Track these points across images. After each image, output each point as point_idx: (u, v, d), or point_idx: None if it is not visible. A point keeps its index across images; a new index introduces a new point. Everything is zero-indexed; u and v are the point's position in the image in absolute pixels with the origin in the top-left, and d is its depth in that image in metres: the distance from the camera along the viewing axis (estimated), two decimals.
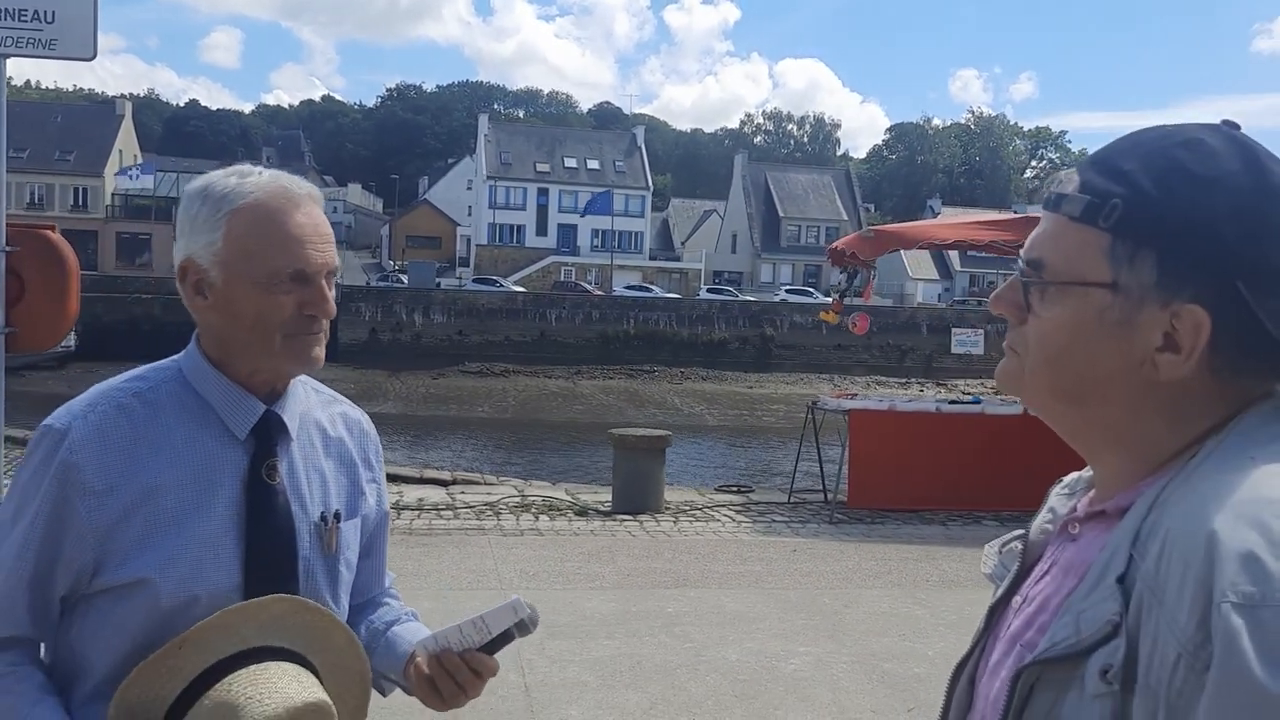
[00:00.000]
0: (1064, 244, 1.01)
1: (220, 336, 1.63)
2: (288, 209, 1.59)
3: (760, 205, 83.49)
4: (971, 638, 1.18)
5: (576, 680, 5.42)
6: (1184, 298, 0.94)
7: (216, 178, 1.63)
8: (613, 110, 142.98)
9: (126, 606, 1.53)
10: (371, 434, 1.87)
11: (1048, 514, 1.17)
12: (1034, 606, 1.05)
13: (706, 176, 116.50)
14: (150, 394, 1.62)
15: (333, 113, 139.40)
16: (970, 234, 10.87)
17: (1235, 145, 0.96)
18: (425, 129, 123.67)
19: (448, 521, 8.78)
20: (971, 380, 39.21)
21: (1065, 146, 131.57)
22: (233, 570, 1.57)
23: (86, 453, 1.53)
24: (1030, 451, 9.54)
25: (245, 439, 1.62)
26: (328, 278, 1.62)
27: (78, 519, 1.52)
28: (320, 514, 1.69)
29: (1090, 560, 0.98)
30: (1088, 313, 0.99)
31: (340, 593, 1.72)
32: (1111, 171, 0.98)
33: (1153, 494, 0.95)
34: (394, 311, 44.14)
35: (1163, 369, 0.96)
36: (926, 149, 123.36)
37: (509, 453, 26.74)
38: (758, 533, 9.04)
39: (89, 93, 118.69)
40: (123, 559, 1.52)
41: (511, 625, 1.60)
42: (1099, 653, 0.91)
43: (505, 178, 77.70)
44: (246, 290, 1.57)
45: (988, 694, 1.07)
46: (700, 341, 46.17)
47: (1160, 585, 0.87)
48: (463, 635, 1.62)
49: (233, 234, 1.57)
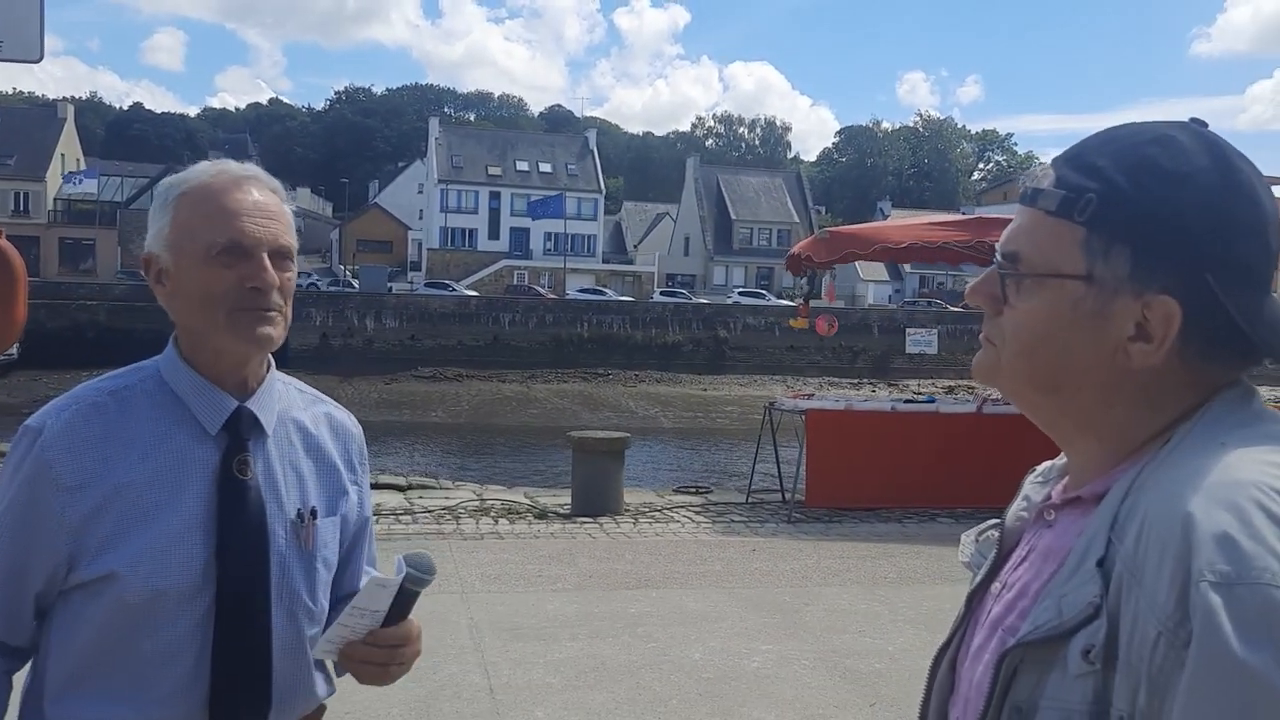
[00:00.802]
0: (1040, 237, 1.04)
1: (182, 325, 1.66)
2: (228, 187, 1.62)
3: (712, 208, 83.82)
4: (943, 628, 1.21)
5: (541, 682, 5.41)
6: (1155, 289, 0.98)
7: (172, 175, 1.70)
8: (564, 113, 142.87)
9: (97, 602, 1.55)
10: (356, 436, 1.87)
11: (1022, 502, 1.20)
12: (1014, 592, 1.08)
13: (659, 179, 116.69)
14: (125, 392, 1.64)
15: (280, 116, 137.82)
16: (924, 234, 10.99)
17: (1204, 143, 1.00)
18: (375, 132, 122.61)
19: (406, 526, 8.72)
20: (923, 380, 39.68)
21: (1012, 149, 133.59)
22: (198, 564, 1.58)
23: (58, 449, 1.56)
24: (983, 449, 9.76)
25: (217, 434, 1.64)
26: (274, 256, 1.62)
27: (51, 515, 1.55)
28: (296, 511, 1.69)
29: (1068, 546, 1.01)
30: (1063, 304, 1.02)
31: (318, 591, 1.72)
32: (1086, 167, 1.02)
33: (1128, 480, 0.99)
34: (345, 316, 43.78)
35: (1135, 358, 1.00)
36: (876, 152, 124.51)
37: (464, 457, 26.59)
38: (717, 533, 9.09)
39: (29, 96, 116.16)
40: (94, 555, 1.55)
41: (398, 590, 1.55)
42: (1081, 634, 0.93)
43: (456, 181, 77.29)
44: (190, 267, 1.60)
45: (971, 678, 1.09)
46: (654, 344, 46.24)
47: (1139, 566, 0.90)
48: (349, 628, 1.59)
49: (178, 217, 1.62)
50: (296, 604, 1.68)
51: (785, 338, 45.44)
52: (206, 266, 1.59)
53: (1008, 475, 6.64)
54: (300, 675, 1.71)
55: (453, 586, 6.98)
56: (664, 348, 46.22)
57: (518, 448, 28.12)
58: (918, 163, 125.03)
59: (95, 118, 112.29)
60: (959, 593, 5.08)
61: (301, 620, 1.69)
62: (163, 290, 1.65)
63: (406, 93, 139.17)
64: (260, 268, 1.60)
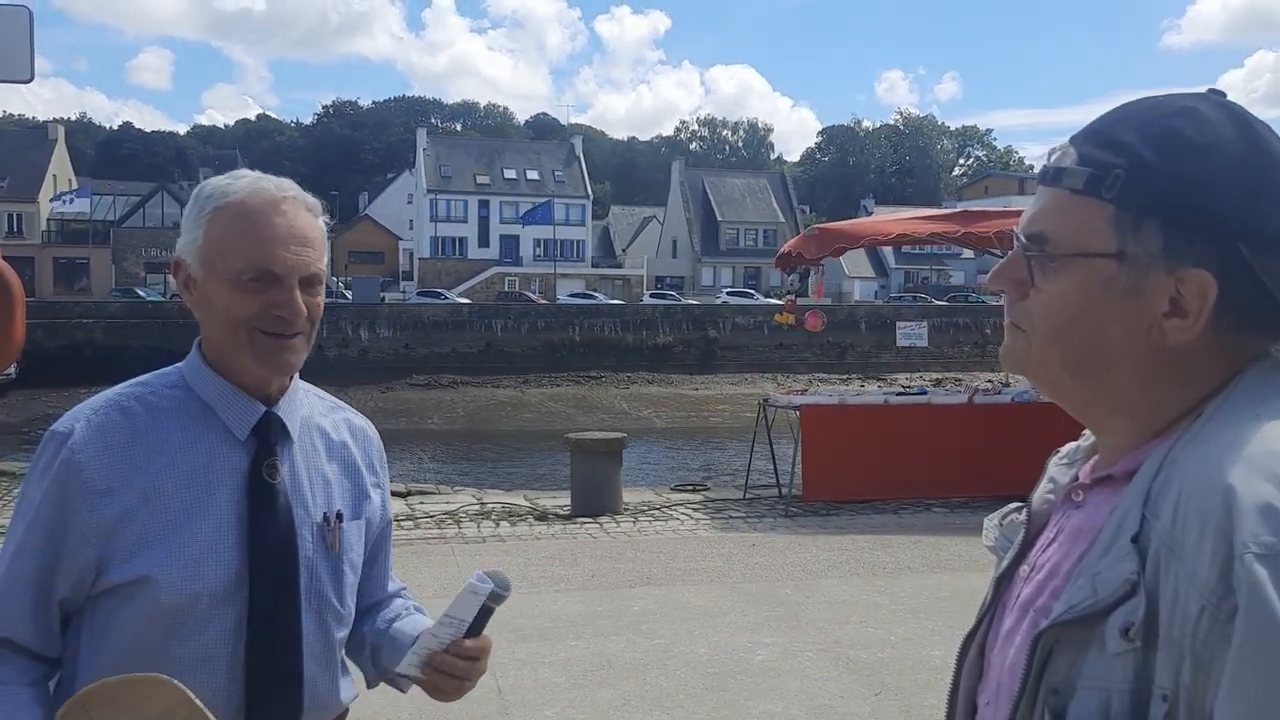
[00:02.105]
0: (1067, 217, 1.02)
1: (206, 334, 1.67)
2: (265, 209, 1.61)
3: (699, 210, 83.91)
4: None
5: (549, 681, 5.46)
6: (1189, 263, 0.97)
7: (213, 180, 1.68)
8: (549, 121, 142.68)
9: (129, 606, 1.54)
10: (375, 440, 1.90)
11: (1048, 484, 1.18)
12: (1044, 573, 1.06)
13: (645, 183, 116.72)
14: (152, 397, 1.65)
15: (269, 131, 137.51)
16: (911, 228, 11.07)
17: (1227, 112, 1.00)
18: (363, 144, 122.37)
19: (408, 531, 8.78)
20: (912, 375, 39.74)
21: (991, 144, 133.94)
22: (232, 568, 1.58)
23: (87, 453, 1.56)
24: (975, 439, 9.85)
25: (246, 439, 1.64)
26: (305, 283, 1.63)
27: (79, 518, 1.54)
28: (323, 514, 1.70)
29: (1099, 524, 1.00)
30: (1094, 283, 1.01)
31: (345, 594, 1.74)
32: (1110, 143, 1.01)
33: (1160, 455, 0.97)
34: (339, 327, 43.64)
35: (1170, 334, 0.99)
36: (858, 150, 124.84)
37: (462, 463, 26.57)
38: (716, 529, 9.15)
39: (19, 118, 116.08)
40: (125, 558, 1.54)
41: (482, 603, 1.61)
42: (1118, 612, 0.92)
43: (445, 191, 77.19)
44: (218, 286, 1.60)
45: (1002, 661, 1.08)
46: (645, 346, 46.21)
47: (1178, 541, 0.89)
48: (438, 637, 1.63)
49: (212, 232, 1.62)
50: (325, 607, 1.69)
51: (775, 336, 45.43)
52: (235, 289, 1.59)
53: (1000, 464, 6.92)
54: (330, 679, 1.72)
55: (456, 590, 7.00)
56: (655, 349, 46.21)
57: (514, 452, 28.12)
58: (899, 160, 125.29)
59: (86, 138, 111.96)
60: (959, 581, 5.27)
61: (330, 624, 1.71)
62: (189, 296, 1.66)
63: (393, 105, 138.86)
64: (289, 298, 1.61)
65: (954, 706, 1.18)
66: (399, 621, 1.85)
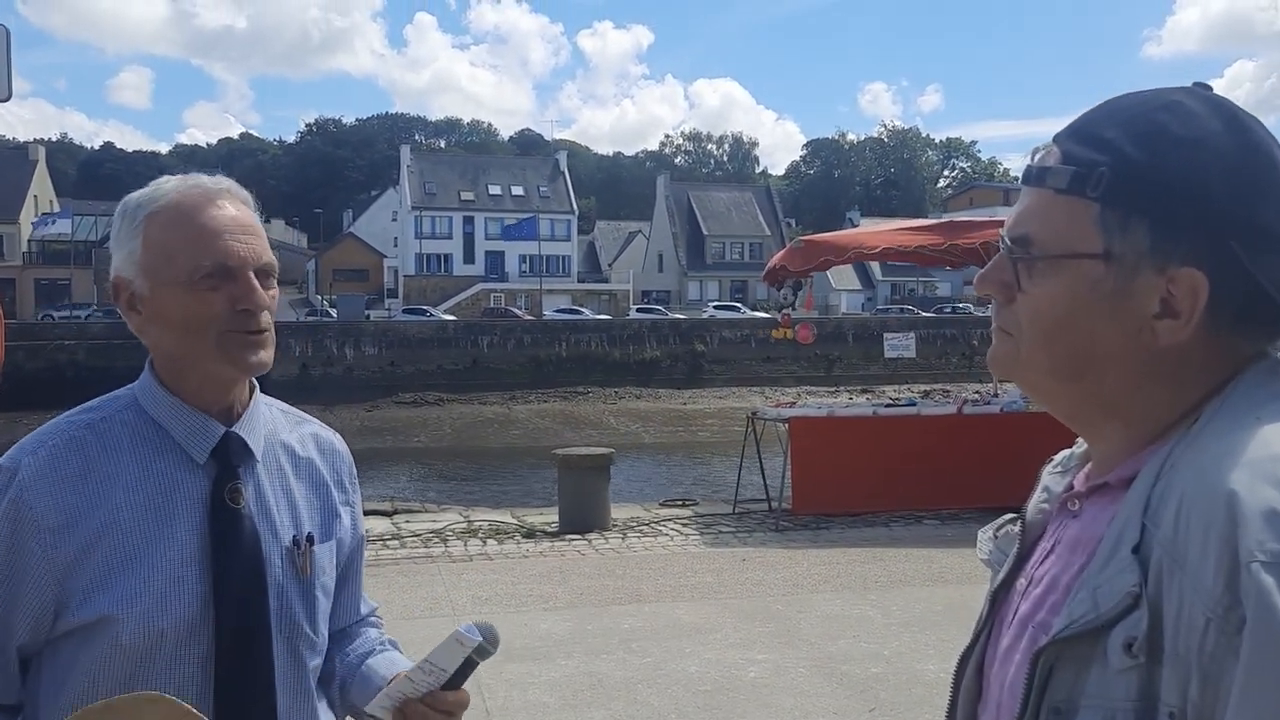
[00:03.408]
0: (1051, 217, 0.99)
1: (163, 351, 1.57)
2: (202, 204, 1.53)
3: (684, 224, 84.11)
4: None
5: (538, 702, 5.39)
6: (1178, 262, 0.93)
7: (135, 193, 1.60)
8: (534, 136, 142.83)
9: (90, 647, 1.46)
10: (345, 455, 1.80)
11: (1043, 493, 1.14)
12: (1042, 587, 1.03)
13: (630, 198, 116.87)
14: (103, 425, 1.55)
15: (251, 150, 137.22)
16: (896, 240, 11.06)
17: (1213, 106, 0.96)
18: (347, 162, 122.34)
19: (394, 551, 8.68)
20: (899, 386, 39.77)
21: (976, 155, 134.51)
22: (197, 600, 1.50)
23: (37, 490, 1.47)
24: (964, 450, 9.80)
25: (205, 463, 1.55)
26: (260, 274, 1.54)
27: (33, 559, 1.45)
28: (292, 537, 1.62)
29: (1098, 534, 0.96)
30: (1081, 285, 0.97)
31: (318, 620, 1.65)
32: (1093, 140, 0.97)
33: (1158, 461, 0.94)
34: (324, 346, 43.50)
35: (1161, 335, 0.95)
36: (843, 163, 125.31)
37: (449, 481, 26.49)
38: (706, 545, 9.08)
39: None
40: (84, 598, 1.45)
41: (468, 655, 1.50)
42: (1120, 626, 0.88)
43: (430, 207, 77.18)
44: (172, 293, 1.51)
45: (1002, 681, 1.04)
46: (632, 361, 46.18)
47: (1180, 550, 0.85)
48: (414, 684, 1.52)
49: (151, 238, 1.53)
50: (298, 635, 1.61)
51: (762, 349, 45.49)
52: (190, 291, 1.50)
53: (990, 474, 6.83)
54: (307, 711, 1.64)
55: (444, 609, 6.94)
56: (642, 364, 46.18)
57: (502, 469, 28.02)
58: (884, 172, 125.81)
59: (67, 159, 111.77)
60: (951, 594, 5.18)
61: (304, 652, 1.62)
62: (136, 317, 1.56)
63: (376, 122, 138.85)
64: (249, 288, 1.52)
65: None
66: (372, 658, 1.75)
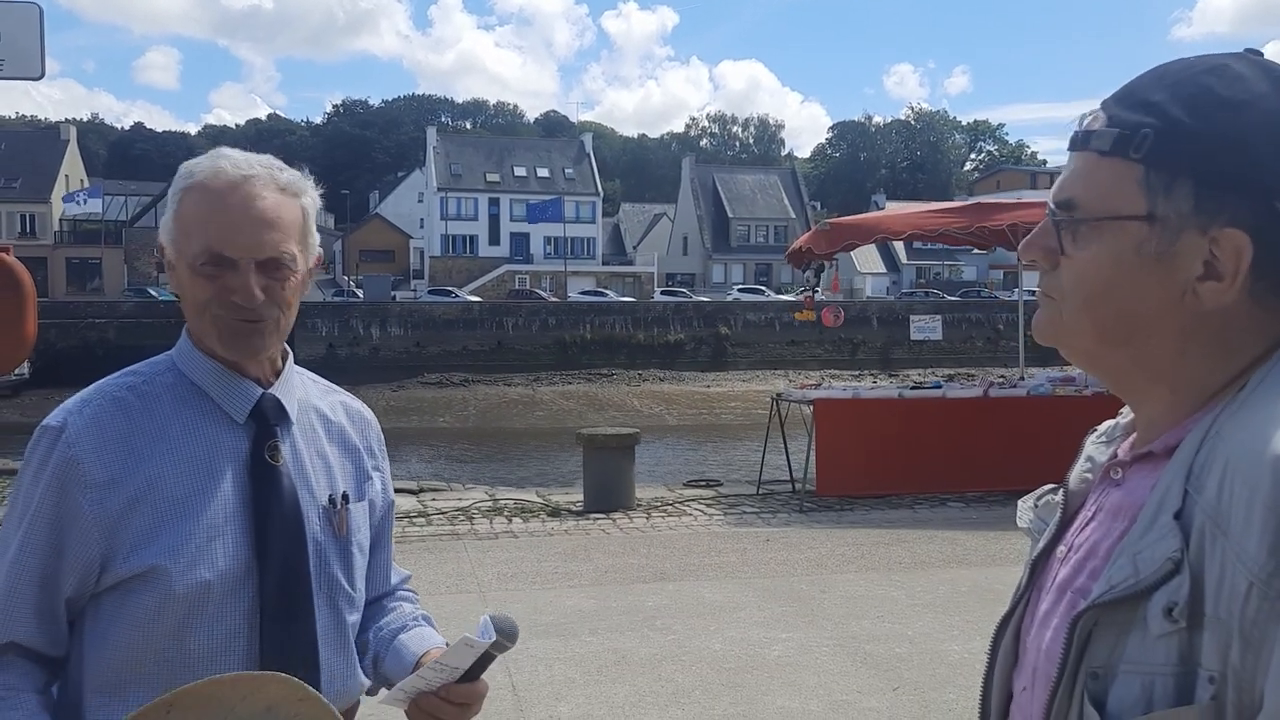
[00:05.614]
0: (1095, 180, 0.99)
1: (187, 317, 1.63)
2: (225, 191, 1.56)
3: (709, 207, 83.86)
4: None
5: (563, 677, 5.43)
6: (1222, 222, 0.93)
7: (191, 160, 1.64)
8: (559, 118, 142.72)
9: (137, 599, 1.50)
10: (373, 422, 1.85)
11: (1085, 463, 1.14)
12: (1082, 553, 1.03)
13: (655, 180, 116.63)
14: (145, 386, 1.60)
15: (279, 131, 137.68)
16: (922, 222, 11.02)
17: (1261, 69, 0.96)
18: (373, 143, 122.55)
19: (421, 528, 8.76)
20: (924, 370, 39.65)
21: (1003, 139, 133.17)
22: (242, 553, 1.54)
23: (84, 446, 1.51)
24: (991, 433, 9.77)
25: (244, 423, 1.61)
26: (267, 265, 1.56)
27: (81, 513, 1.49)
28: (328, 497, 1.67)
29: (1139, 502, 0.96)
30: (1125, 247, 0.97)
31: (355, 577, 1.70)
32: (1139, 103, 0.97)
33: (1203, 428, 0.93)
34: (351, 326, 43.79)
35: (1205, 298, 0.95)
36: (869, 146, 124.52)
37: (473, 461, 26.62)
38: (730, 524, 9.11)
39: (31, 119, 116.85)
40: (130, 550, 1.49)
41: (483, 653, 1.52)
42: (1161, 591, 0.88)
43: (456, 189, 77.30)
44: (182, 270, 1.58)
45: (1039, 645, 1.04)
46: (656, 343, 46.23)
47: (1224, 516, 0.85)
48: (428, 681, 1.56)
49: (180, 213, 1.58)
50: (337, 591, 1.65)
51: (786, 333, 45.45)
52: (193, 273, 1.56)
53: (1015, 457, 6.82)
54: (346, 665, 1.68)
55: (470, 586, 7.01)
56: (666, 346, 46.23)
57: (526, 449, 28.15)
58: (910, 155, 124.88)
59: (98, 139, 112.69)
60: (975, 576, 5.20)
61: (343, 608, 1.66)
62: (171, 280, 1.64)
63: (403, 103, 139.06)
64: (244, 283, 1.54)
65: (989, 693, 1.13)
66: (404, 634, 1.78)
